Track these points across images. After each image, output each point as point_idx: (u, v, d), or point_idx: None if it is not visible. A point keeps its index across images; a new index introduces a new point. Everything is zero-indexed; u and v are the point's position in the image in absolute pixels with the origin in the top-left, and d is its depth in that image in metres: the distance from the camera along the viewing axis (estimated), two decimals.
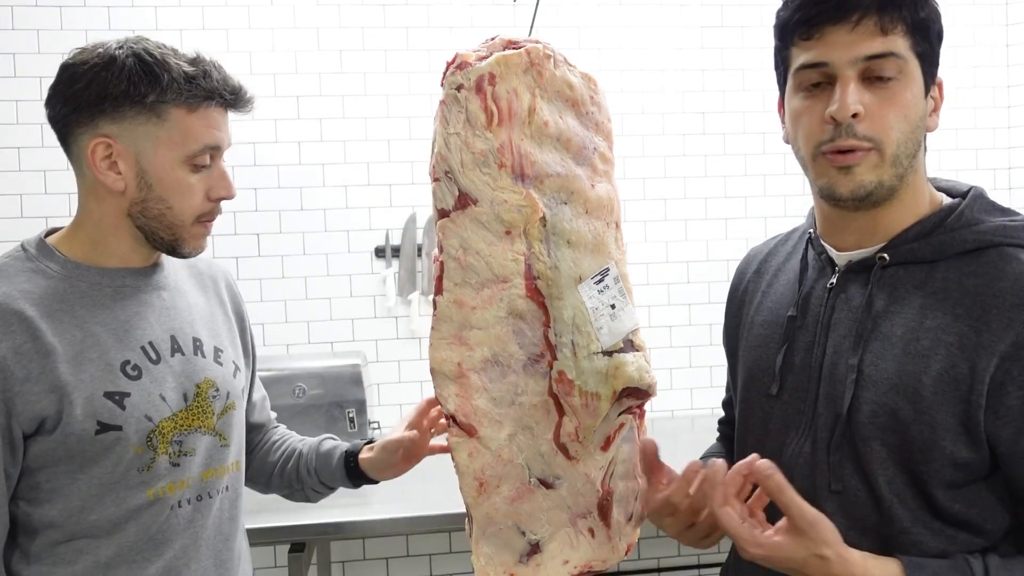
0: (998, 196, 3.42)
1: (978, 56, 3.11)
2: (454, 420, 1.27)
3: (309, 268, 2.83)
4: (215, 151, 1.26)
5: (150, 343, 1.27)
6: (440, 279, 1.24)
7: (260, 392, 1.59)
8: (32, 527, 1.21)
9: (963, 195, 1.12)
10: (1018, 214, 1.10)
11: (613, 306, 1.25)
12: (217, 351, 1.36)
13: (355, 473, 1.47)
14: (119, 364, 1.23)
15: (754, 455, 1.03)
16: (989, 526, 1.04)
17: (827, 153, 1.05)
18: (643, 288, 2.97)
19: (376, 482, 1.49)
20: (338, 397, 2.52)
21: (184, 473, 1.28)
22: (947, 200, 1.12)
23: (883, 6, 1.02)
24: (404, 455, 1.41)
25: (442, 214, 1.23)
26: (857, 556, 0.99)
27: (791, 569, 1.01)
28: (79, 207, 1.32)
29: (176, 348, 1.30)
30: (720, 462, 1.04)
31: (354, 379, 2.56)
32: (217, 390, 1.33)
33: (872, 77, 1.03)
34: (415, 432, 1.37)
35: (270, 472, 1.54)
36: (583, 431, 1.27)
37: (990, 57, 3.12)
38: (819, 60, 1.04)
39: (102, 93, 1.20)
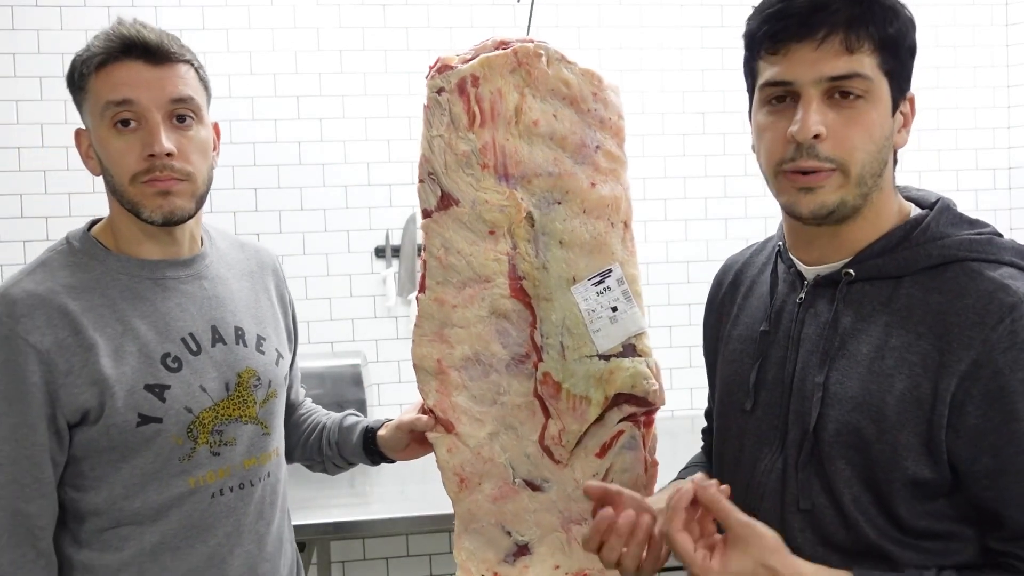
0: (998, 196, 3.42)
1: (978, 56, 3.10)
2: (433, 415, 1.27)
3: (309, 268, 2.83)
4: (127, 106, 1.22)
5: (191, 334, 1.29)
6: (424, 277, 1.25)
7: (296, 372, 1.61)
8: (79, 513, 1.25)
9: (931, 206, 1.09)
10: (986, 226, 1.08)
11: (615, 308, 1.24)
12: (260, 339, 1.38)
13: (372, 449, 1.48)
14: (159, 356, 1.25)
15: (699, 474, 1.03)
16: (959, 539, 1.03)
17: (788, 172, 1.03)
18: (643, 288, 2.97)
19: (393, 461, 1.49)
20: (338, 397, 2.52)
21: (225, 462, 1.30)
22: (916, 211, 1.10)
23: (850, 23, 1.00)
24: (415, 437, 1.39)
25: (425, 214, 1.24)
26: (808, 568, 0.99)
27: None
28: None
29: (217, 338, 1.32)
30: (687, 488, 1.02)
31: (354, 379, 2.56)
32: (259, 379, 1.35)
33: (836, 95, 1.01)
34: (427, 417, 1.32)
35: (294, 444, 1.56)
36: (566, 435, 1.26)
37: (990, 57, 3.11)
38: (783, 78, 1.03)
39: (68, 87, 1.28)
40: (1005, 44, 3.12)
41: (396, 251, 2.86)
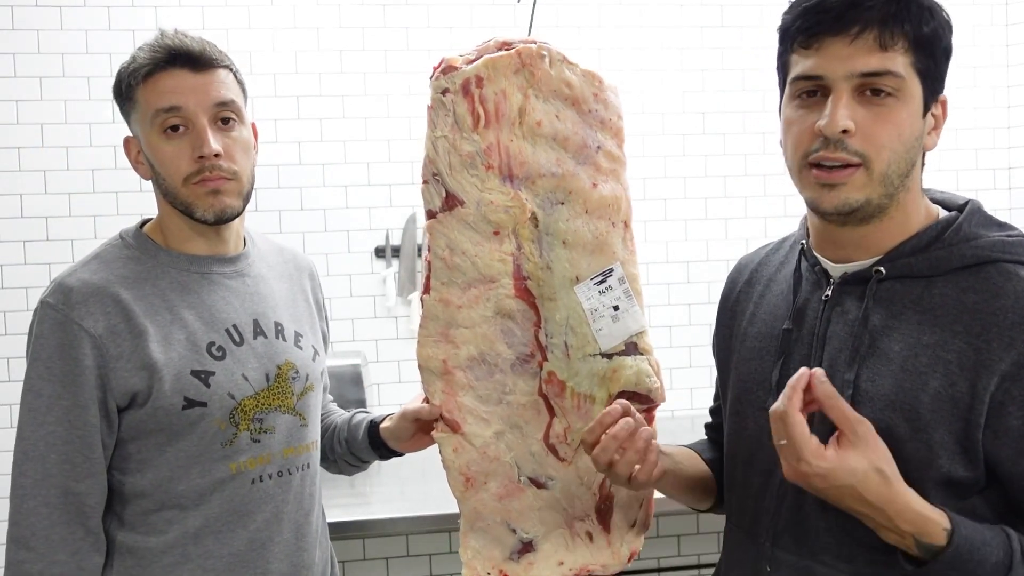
0: (998, 196, 3.42)
1: (978, 56, 3.11)
2: (440, 415, 1.28)
3: None
4: (175, 112, 1.29)
5: (234, 326, 1.36)
6: (428, 278, 1.25)
7: (326, 376, 1.63)
8: (124, 496, 1.32)
9: (960, 208, 1.10)
10: (1015, 228, 1.08)
11: (616, 307, 1.25)
12: (297, 336, 1.44)
13: (377, 442, 1.51)
14: (205, 345, 1.32)
15: (807, 370, 0.99)
16: None
17: (813, 166, 1.03)
18: (643, 288, 2.97)
19: (401, 454, 1.51)
20: (338, 397, 2.49)
21: (264, 449, 1.35)
22: (943, 213, 1.10)
23: (885, 20, 0.99)
24: (420, 427, 1.41)
25: (430, 215, 1.25)
26: (909, 490, 0.97)
27: (846, 486, 0.96)
28: None
29: (259, 331, 1.38)
30: (803, 373, 0.99)
31: (354, 379, 2.55)
32: (297, 372, 1.41)
33: (868, 92, 1.01)
34: (431, 406, 1.32)
35: None
36: (571, 433, 1.26)
37: (990, 57, 3.11)
38: (814, 72, 1.03)
39: (116, 98, 1.36)
40: (1005, 44, 3.12)
41: (396, 251, 2.86)
